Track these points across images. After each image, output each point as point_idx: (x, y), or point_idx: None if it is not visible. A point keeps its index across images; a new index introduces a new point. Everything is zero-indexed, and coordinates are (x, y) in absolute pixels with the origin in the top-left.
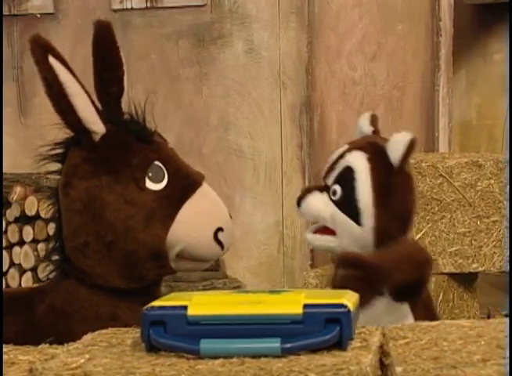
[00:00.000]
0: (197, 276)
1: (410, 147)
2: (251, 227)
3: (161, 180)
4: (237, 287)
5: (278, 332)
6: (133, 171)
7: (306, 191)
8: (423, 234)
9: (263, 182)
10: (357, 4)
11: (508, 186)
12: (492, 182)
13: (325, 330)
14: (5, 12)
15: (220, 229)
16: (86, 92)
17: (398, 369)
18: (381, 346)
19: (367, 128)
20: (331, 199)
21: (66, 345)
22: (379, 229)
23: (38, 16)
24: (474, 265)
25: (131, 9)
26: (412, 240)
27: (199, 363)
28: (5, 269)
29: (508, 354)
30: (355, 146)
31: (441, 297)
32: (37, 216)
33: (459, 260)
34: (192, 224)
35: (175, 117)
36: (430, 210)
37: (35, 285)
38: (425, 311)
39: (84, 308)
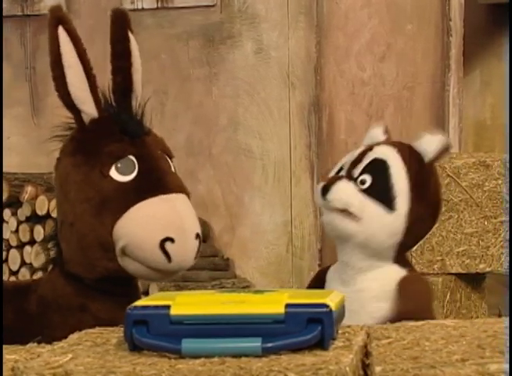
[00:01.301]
0: (206, 275)
1: (444, 147)
2: (260, 227)
3: (128, 174)
4: (246, 286)
5: (260, 332)
6: (102, 157)
7: (333, 179)
8: (430, 234)
9: (272, 182)
10: (366, 4)
11: (508, 187)
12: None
13: (306, 330)
14: (18, 12)
15: (170, 240)
16: (89, 73)
17: (377, 368)
18: (365, 346)
19: (381, 136)
20: (359, 189)
21: (53, 343)
22: (412, 214)
23: None
24: (482, 266)
25: (142, 9)
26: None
27: (179, 362)
28: (16, 268)
29: (508, 354)
30: (380, 143)
31: (448, 297)
32: (47, 216)
33: (466, 260)
34: (140, 223)
35: (185, 117)
36: None
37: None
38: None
39: (61, 297)
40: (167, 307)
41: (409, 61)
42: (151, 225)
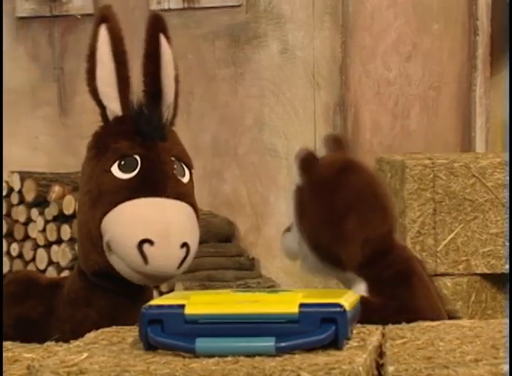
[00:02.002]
0: (231, 275)
1: (300, 163)
2: (285, 227)
3: (129, 172)
4: (271, 286)
5: (274, 331)
6: (108, 153)
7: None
8: (455, 235)
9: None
10: (392, 4)
11: (508, 187)
12: None
13: (320, 330)
14: (47, 13)
15: (148, 242)
16: (121, 73)
17: (390, 368)
18: (380, 346)
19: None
20: None
21: (70, 342)
22: (309, 244)
23: (79, 16)
24: (507, 266)
25: (169, 9)
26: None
27: (193, 361)
28: (43, 267)
29: (508, 354)
30: None
31: (473, 297)
32: (74, 215)
33: (491, 261)
34: (123, 220)
35: (211, 117)
36: (462, 210)
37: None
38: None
39: (72, 292)
40: (182, 306)
41: (435, 61)
42: (133, 224)
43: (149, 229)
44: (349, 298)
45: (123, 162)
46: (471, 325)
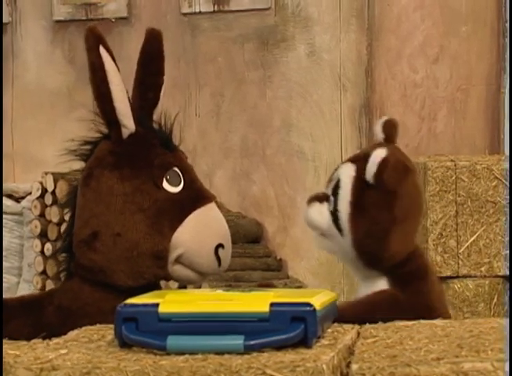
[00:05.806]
0: (259, 276)
1: (383, 165)
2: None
3: (177, 185)
4: (298, 287)
5: (244, 330)
6: (153, 170)
7: (308, 201)
8: (477, 237)
9: (323, 183)
10: (419, 6)
11: (508, 187)
12: None
13: (289, 329)
14: (83, 16)
15: (221, 246)
16: (126, 90)
17: (354, 366)
18: (353, 345)
19: (379, 135)
20: (329, 209)
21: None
22: (355, 242)
23: (113, 20)
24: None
25: (200, 12)
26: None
27: (164, 358)
28: None
29: (508, 354)
30: (352, 157)
31: (495, 299)
32: None
33: None
34: (198, 232)
35: (240, 119)
36: (484, 212)
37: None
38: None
39: (88, 304)
40: (156, 305)
41: (463, 63)
42: (206, 233)
43: (218, 234)
44: (321, 298)
45: (168, 177)
46: (444, 325)
